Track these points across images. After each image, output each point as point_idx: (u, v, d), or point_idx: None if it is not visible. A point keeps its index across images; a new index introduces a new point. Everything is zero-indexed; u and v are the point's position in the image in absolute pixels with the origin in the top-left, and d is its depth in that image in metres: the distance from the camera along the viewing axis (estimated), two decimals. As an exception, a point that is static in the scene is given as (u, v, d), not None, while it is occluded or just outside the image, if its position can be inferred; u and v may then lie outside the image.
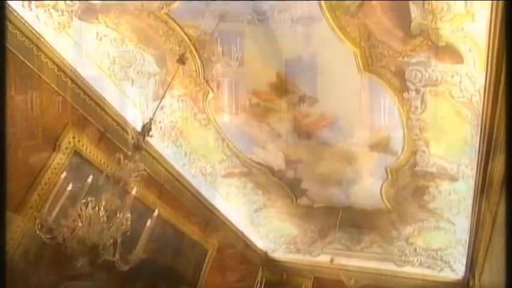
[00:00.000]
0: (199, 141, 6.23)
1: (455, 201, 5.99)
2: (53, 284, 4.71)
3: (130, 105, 5.44)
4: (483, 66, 3.38)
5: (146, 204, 5.78)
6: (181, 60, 3.82)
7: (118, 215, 2.94)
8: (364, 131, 5.18)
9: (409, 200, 6.43)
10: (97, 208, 2.96)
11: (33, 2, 3.99)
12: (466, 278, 7.16)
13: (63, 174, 3.62)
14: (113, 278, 5.53)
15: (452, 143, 4.87)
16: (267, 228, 8.79)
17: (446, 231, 6.95)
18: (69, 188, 3.23)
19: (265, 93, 5.04)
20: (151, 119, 3.22)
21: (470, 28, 3.42)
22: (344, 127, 5.22)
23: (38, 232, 2.98)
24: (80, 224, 2.89)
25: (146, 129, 3.18)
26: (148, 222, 3.08)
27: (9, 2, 3.78)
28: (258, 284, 9.49)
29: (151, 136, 3.23)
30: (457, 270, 7.50)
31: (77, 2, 4.15)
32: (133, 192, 2.97)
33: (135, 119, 5.23)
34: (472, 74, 3.81)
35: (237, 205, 7.90)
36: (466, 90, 4.02)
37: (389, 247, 8.00)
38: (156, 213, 3.13)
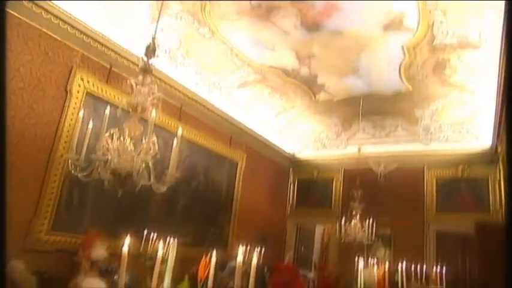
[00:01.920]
0: (207, 56, 6.06)
1: (478, 70, 5.78)
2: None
3: (129, 35, 5.25)
4: None
5: (169, 130, 5.84)
6: (169, -30, 3.54)
7: (144, 140, 2.97)
8: (374, 11, 4.86)
9: (429, 77, 6.25)
10: (122, 138, 3.00)
11: None
12: (494, 145, 7.21)
13: (81, 113, 3.65)
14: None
15: (473, 7, 4.54)
16: (290, 130, 8.87)
17: (470, 103, 6.85)
18: (90, 125, 3.26)
19: (265, -10, 4.72)
20: (153, 39, 3.10)
21: None
22: (353, 11, 4.90)
23: (73, 173, 3.08)
24: (109, 157, 2.94)
25: (151, 49, 3.08)
26: (175, 142, 3.12)
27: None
28: (291, 186, 9.89)
29: (157, 56, 3.13)
30: (484, 140, 7.54)
31: None
32: (153, 114, 2.96)
33: (137, 47, 5.07)
34: None
35: (257, 113, 7.91)
36: None
37: (414, 128, 8.02)
38: (180, 132, 3.13)
